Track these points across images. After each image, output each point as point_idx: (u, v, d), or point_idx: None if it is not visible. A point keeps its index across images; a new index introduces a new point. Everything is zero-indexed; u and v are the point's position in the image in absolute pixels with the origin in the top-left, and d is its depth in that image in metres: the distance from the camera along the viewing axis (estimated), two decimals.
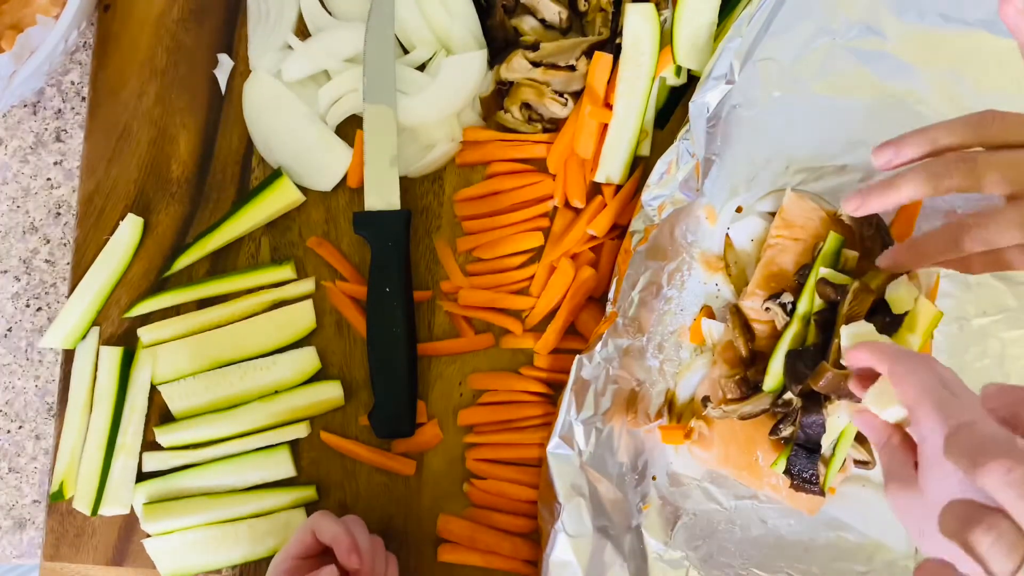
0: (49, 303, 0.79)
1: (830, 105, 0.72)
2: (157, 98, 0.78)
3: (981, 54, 0.71)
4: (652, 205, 0.69)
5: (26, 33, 0.71)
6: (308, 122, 0.76)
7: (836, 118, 0.72)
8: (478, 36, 0.76)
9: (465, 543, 0.72)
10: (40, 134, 0.80)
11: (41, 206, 0.80)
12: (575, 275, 0.73)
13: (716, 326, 0.70)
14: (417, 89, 0.75)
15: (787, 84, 0.72)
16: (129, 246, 0.76)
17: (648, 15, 0.72)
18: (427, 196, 0.76)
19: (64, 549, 0.75)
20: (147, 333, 0.75)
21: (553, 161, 0.74)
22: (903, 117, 0.71)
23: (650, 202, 0.69)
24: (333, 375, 0.75)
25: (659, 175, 0.69)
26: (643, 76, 0.72)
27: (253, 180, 0.77)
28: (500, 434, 0.73)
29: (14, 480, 0.78)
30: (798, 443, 0.66)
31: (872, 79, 0.72)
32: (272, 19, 0.77)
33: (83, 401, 0.75)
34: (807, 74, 0.72)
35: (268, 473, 0.74)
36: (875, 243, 0.68)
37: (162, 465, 0.74)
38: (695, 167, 0.69)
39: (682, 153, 0.69)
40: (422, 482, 0.74)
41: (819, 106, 0.72)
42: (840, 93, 0.72)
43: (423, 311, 0.75)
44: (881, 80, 0.72)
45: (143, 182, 0.78)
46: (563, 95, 0.75)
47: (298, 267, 0.76)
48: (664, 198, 0.69)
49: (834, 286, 0.66)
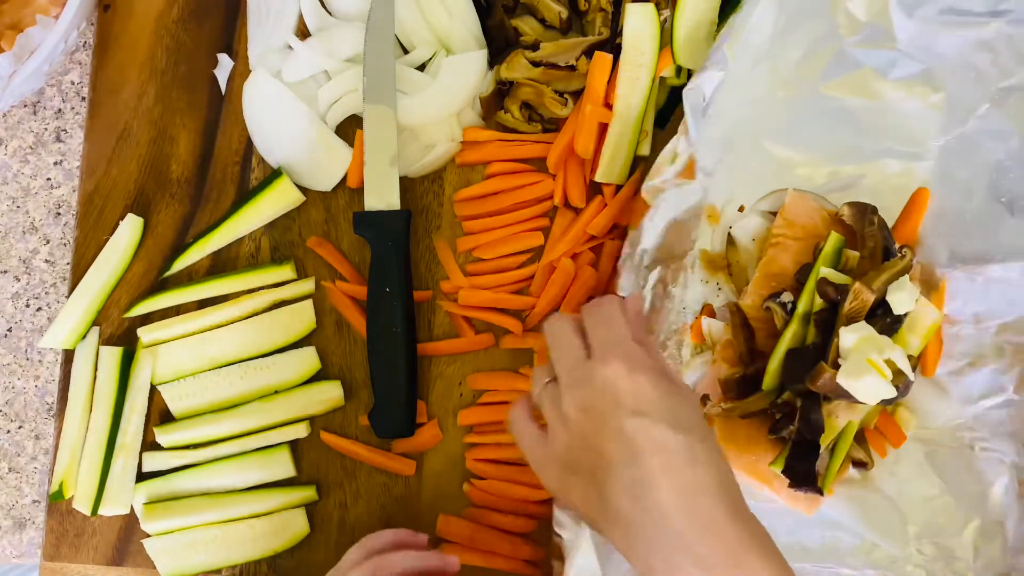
0: (49, 303, 0.79)
1: (835, 106, 0.72)
2: (157, 98, 0.78)
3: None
4: (652, 202, 0.69)
5: (26, 33, 0.70)
6: (308, 122, 0.76)
7: (840, 118, 0.72)
8: (478, 36, 0.76)
9: (465, 543, 0.72)
10: (40, 134, 0.80)
11: (41, 206, 0.80)
12: (575, 275, 0.73)
13: (716, 325, 0.70)
14: (417, 89, 0.75)
15: (792, 85, 0.72)
16: (129, 246, 0.76)
17: (648, 15, 0.72)
18: (427, 196, 0.76)
19: (64, 549, 0.75)
20: (147, 333, 0.75)
21: (553, 161, 0.74)
22: (905, 119, 0.71)
23: (651, 198, 0.69)
24: (333, 375, 0.75)
25: (661, 172, 0.69)
26: (643, 76, 0.72)
27: (253, 180, 0.77)
28: (500, 434, 0.73)
29: (14, 480, 0.78)
30: (797, 442, 0.66)
31: (878, 79, 0.72)
32: (272, 19, 0.77)
33: (83, 401, 0.75)
34: (812, 75, 0.72)
35: (268, 473, 0.74)
36: (876, 243, 0.68)
37: (162, 465, 0.74)
38: (690, 160, 0.68)
39: (681, 148, 0.69)
40: (422, 482, 0.74)
41: (824, 107, 0.72)
42: (846, 94, 0.72)
43: (423, 311, 0.75)
44: (887, 79, 0.72)
45: (143, 182, 0.78)
46: (563, 95, 0.75)
47: (298, 267, 0.76)
48: (664, 194, 0.69)
49: (835, 286, 0.66)
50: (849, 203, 0.69)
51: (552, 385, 0.57)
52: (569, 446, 0.54)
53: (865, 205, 0.69)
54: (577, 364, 0.56)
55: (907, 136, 0.72)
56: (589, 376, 0.54)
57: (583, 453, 0.54)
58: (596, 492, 0.53)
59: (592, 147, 0.73)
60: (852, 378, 0.63)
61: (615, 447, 0.52)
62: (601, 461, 0.53)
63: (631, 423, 0.52)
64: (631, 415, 0.52)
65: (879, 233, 0.68)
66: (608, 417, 0.53)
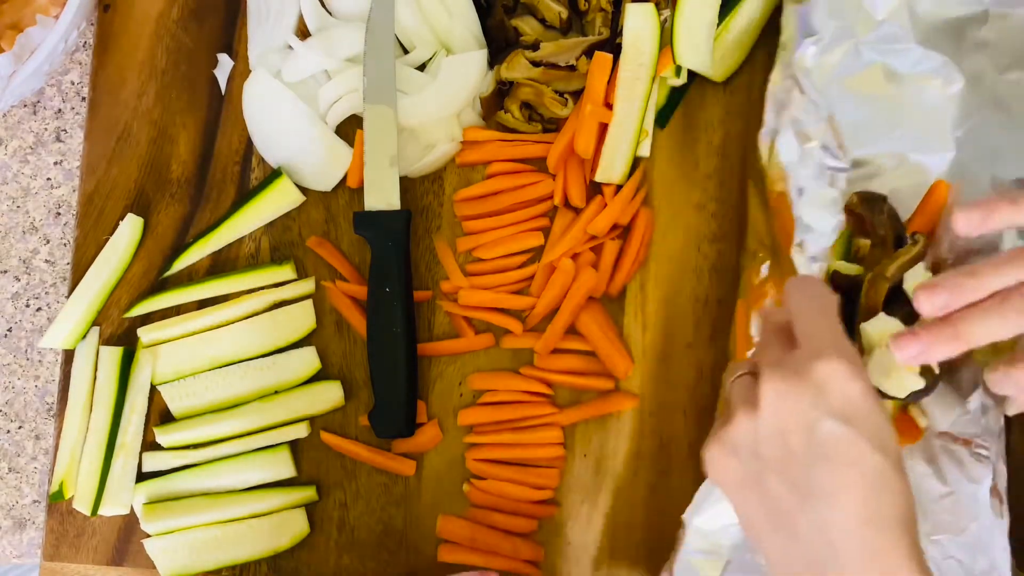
0: (49, 303, 0.79)
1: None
2: (157, 98, 0.78)
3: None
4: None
5: (26, 33, 0.71)
6: (308, 122, 0.76)
7: (868, 109, 0.69)
8: (478, 36, 0.76)
9: (465, 543, 0.72)
10: (40, 134, 0.80)
11: (41, 206, 0.80)
12: (575, 275, 0.73)
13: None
14: (417, 89, 0.75)
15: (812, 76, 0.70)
16: (129, 246, 0.76)
17: (648, 15, 0.72)
18: (427, 196, 0.76)
19: (64, 549, 0.75)
20: (147, 333, 0.75)
21: (553, 161, 0.74)
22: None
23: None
24: (333, 375, 0.75)
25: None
26: (643, 76, 0.72)
27: (253, 180, 0.77)
28: (500, 434, 0.73)
29: (14, 480, 0.78)
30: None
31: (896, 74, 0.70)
32: (272, 19, 0.77)
33: (83, 401, 0.75)
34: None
35: (268, 473, 0.74)
36: (887, 231, 0.66)
37: (162, 465, 0.74)
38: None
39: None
40: (422, 482, 0.74)
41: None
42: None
43: (423, 311, 0.75)
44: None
45: (143, 182, 0.78)
46: (563, 95, 0.75)
47: (298, 267, 0.76)
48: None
49: (848, 277, 0.64)
50: (858, 192, 0.68)
51: (747, 377, 0.51)
52: (751, 432, 0.48)
53: (875, 194, 0.68)
54: (784, 356, 0.49)
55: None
56: (800, 367, 0.47)
57: (763, 445, 0.48)
58: (761, 492, 0.48)
59: (592, 147, 0.73)
60: (881, 372, 0.59)
61: (805, 447, 0.46)
62: (783, 457, 0.47)
63: (833, 427, 0.46)
64: (836, 419, 0.46)
65: (889, 223, 0.66)
66: (807, 413, 0.46)
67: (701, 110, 0.76)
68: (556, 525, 0.73)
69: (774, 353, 0.50)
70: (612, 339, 0.73)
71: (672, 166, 0.75)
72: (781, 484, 0.47)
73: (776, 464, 0.47)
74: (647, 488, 0.73)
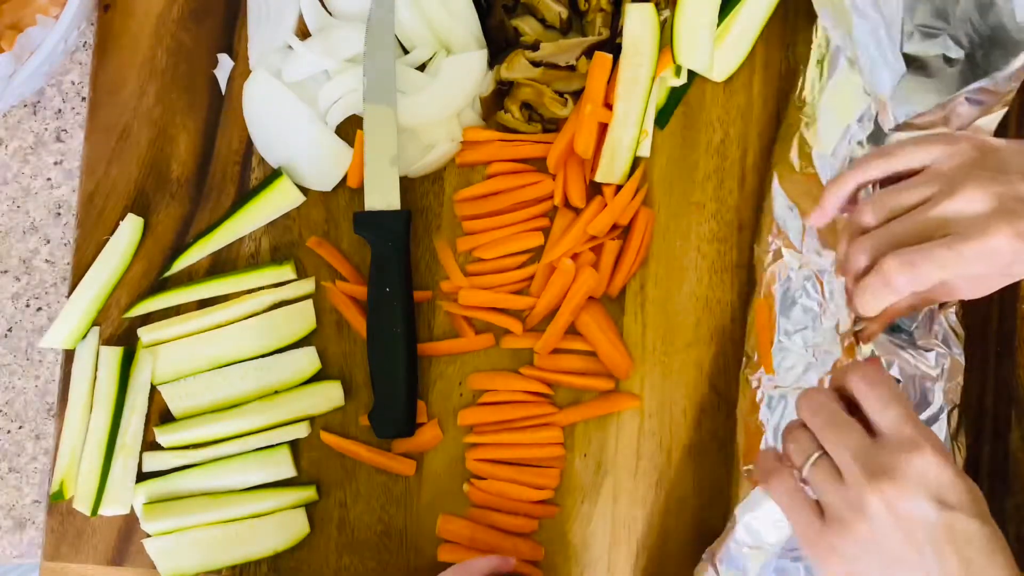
0: (49, 303, 0.79)
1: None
2: (157, 98, 0.78)
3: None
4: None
5: (26, 33, 0.71)
6: (308, 122, 0.76)
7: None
8: (478, 36, 0.76)
9: (465, 543, 0.72)
10: (40, 134, 0.80)
11: (41, 206, 0.80)
12: (575, 275, 0.73)
13: None
14: (417, 89, 0.75)
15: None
16: (129, 246, 0.76)
17: (648, 15, 0.72)
18: (427, 196, 0.76)
19: (64, 549, 0.75)
20: (147, 333, 0.75)
21: (553, 161, 0.74)
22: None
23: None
24: (333, 375, 0.75)
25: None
26: (643, 76, 0.72)
27: (253, 180, 0.77)
28: (500, 434, 0.73)
29: (14, 480, 0.78)
30: None
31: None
32: (272, 19, 0.77)
33: (83, 401, 0.75)
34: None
35: (268, 473, 0.74)
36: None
37: (162, 465, 0.74)
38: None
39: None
40: (422, 482, 0.74)
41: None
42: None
43: (423, 311, 0.75)
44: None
45: (143, 182, 0.78)
46: (563, 95, 0.75)
47: (298, 267, 0.76)
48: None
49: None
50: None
51: (827, 462, 0.52)
52: (870, 540, 0.50)
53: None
54: (869, 449, 0.51)
55: None
56: (894, 465, 0.50)
57: (885, 544, 0.50)
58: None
59: (592, 147, 0.73)
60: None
61: (924, 540, 0.49)
62: (905, 555, 0.50)
63: (945, 518, 0.49)
64: (944, 509, 0.49)
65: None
66: (919, 509, 0.49)
67: (701, 110, 0.76)
68: (556, 525, 0.73)
69: (854, 438, 0.51)
70: (612, 339, 0.73)
71: (672, 166, 0.75)
72: (910, 573, 0.50)
73: (899, 559, 0.50)
74: (647, 488, 0.73)
